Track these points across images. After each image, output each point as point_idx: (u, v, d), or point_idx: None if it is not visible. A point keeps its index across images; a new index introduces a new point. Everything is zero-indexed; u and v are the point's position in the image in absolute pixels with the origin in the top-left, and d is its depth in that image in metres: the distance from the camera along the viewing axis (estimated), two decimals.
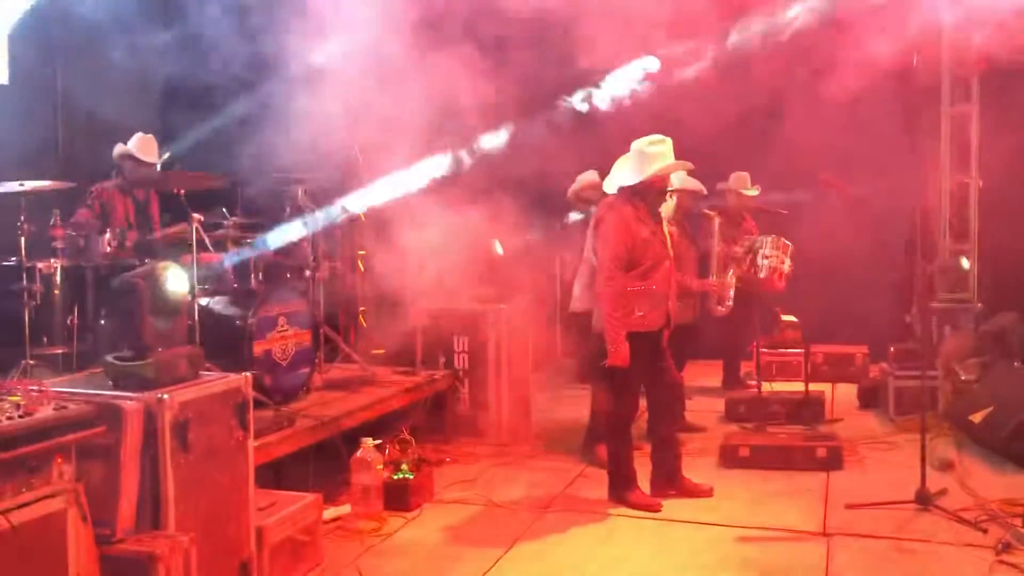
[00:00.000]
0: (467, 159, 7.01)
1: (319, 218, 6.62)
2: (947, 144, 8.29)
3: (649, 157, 5.07)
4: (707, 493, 5.35)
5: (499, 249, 7.44)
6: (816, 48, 8.67)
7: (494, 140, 6.99)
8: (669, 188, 5.46)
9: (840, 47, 8.67)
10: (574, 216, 7.08)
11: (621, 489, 5.25)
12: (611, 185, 5.97)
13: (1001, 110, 8.02)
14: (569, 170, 7.18)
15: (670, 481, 5.36)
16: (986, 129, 8.19)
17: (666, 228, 5.34)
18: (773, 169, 8.04)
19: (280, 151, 6.76)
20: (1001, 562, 4.26)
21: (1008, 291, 7.88)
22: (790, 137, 8.48)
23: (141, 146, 6.13)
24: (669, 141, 5.13)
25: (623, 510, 5.18)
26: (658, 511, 5.10)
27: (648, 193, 5.18)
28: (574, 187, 7.26)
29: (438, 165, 6.95)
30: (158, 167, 6.22)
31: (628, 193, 5.18)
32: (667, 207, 6.58)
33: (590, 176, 6.94)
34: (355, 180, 7.86)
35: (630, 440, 5.34)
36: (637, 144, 5.13)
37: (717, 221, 6.72)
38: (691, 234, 6.78)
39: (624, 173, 5.18)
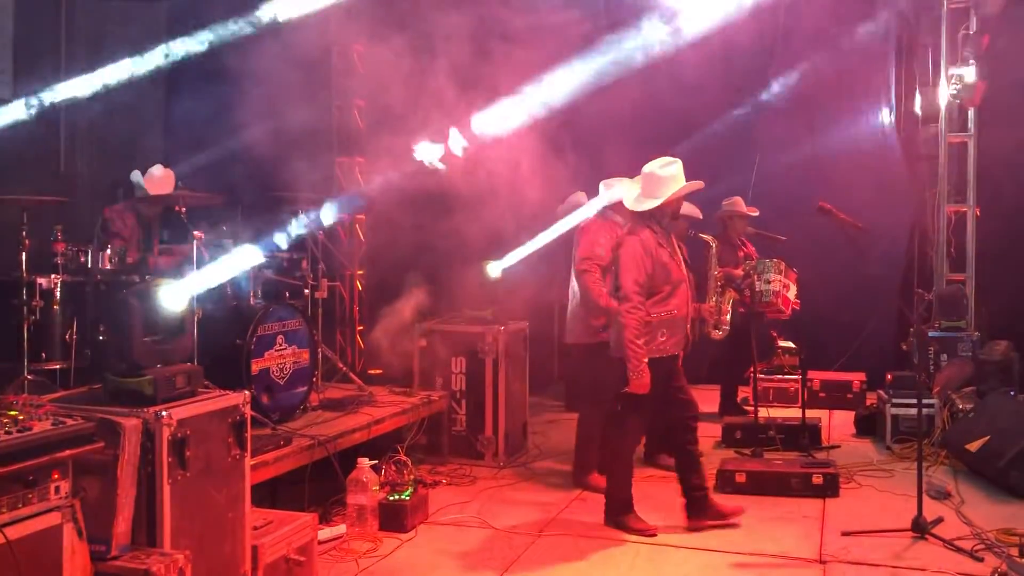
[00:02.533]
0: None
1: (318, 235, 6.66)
2: (945, 173, 8.34)
3: (663, 180, 5.06)
4: (738, 513, 5.28)
5: (496, 270, 7.46)
6: (815, 77, 8.80)
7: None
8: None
9: (840, 74, 8.79)
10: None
11: (618, 513, 5.24)
12: (595, 206, 5.99)
13: (999, 139, 8.09)
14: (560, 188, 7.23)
15: (702, 509, 5.24)
16: (983, 158, 8.25)
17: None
18: (771, 195, 8.08)
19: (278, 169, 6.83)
20: None
21: (1005, 319, 7.91)
22: (788, 165, 8.56)
23: (157, 182, 6.15)
24: (679, 163, 5.12)
25: (619, 534, 5.16)
26: (654, 536, 5.09)
27: (663, 216, 5.17)
28: (563, 208, 7.30)
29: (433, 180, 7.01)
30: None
31: (645, 216, 5.15)
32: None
33: (579, 198, 6.96)
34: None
35: (631, 465, 5.33)
36: (649, 167, 5.12)
37: (714, 245, 6.74)
38: (687, 259, 6.80)
39: (635, 197, 5.17)
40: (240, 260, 5.68)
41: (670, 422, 5.38)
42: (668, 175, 5.07)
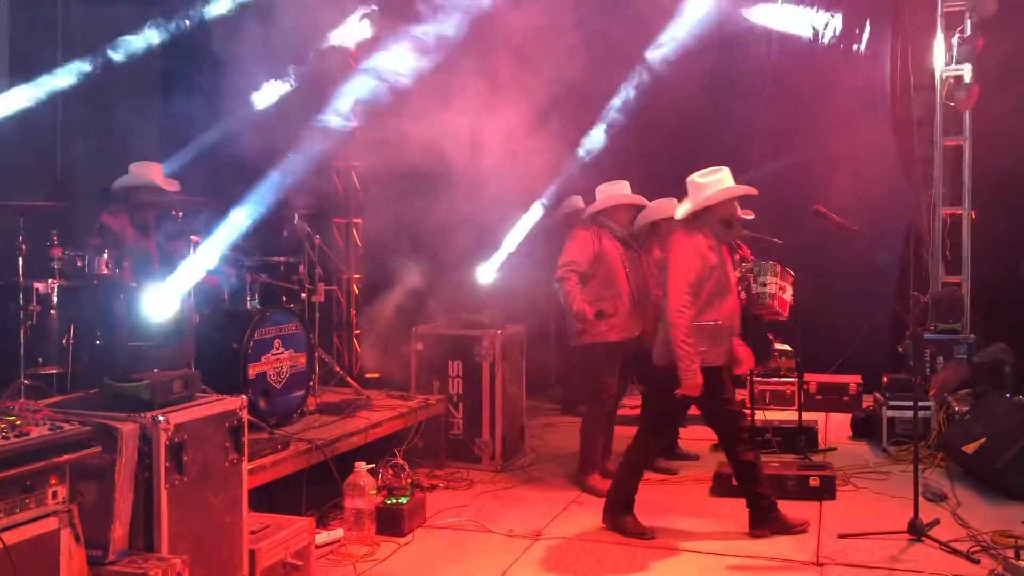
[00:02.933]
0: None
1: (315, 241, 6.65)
2: (940, 176, 8.36)
3: (701, 187, 5.04)
4: (804, 524, 5.20)
5: (491, 274, 7.47)
6: (812, 80, 8.82)
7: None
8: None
9: (836, 78, 8.81)
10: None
11: (618, 514, 5.22)
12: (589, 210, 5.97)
13: (994, 142, 8.11)
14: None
15: (766, 519, 5.15)
16: (979, 161, 8.27)
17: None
18: (767, 198, 8.09)
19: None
20: None
21: (1000, 322, 7.92)
22: (784, 168, 8.58)
23: (157, 175, 6.13)
24: (725, 170, 5.09)
25: (616, 538, 5.17)
26: (652, 539, 5.09)
27: (712, 223, 5.09)
28: (560, 211, 7.32)
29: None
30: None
31: (694, 223, 5.09)
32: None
33: (576, 201, 6.98)
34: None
35: (644, 469, 5.33)
36: (691, 177, 5.10)
37: None
38: None
39: (681, 207, 5.16)
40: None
41: (720, 434, 5.32)
42: (706, 182, 5.04)
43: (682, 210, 5.19)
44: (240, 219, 5.81)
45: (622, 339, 6.00)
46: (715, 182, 5.06)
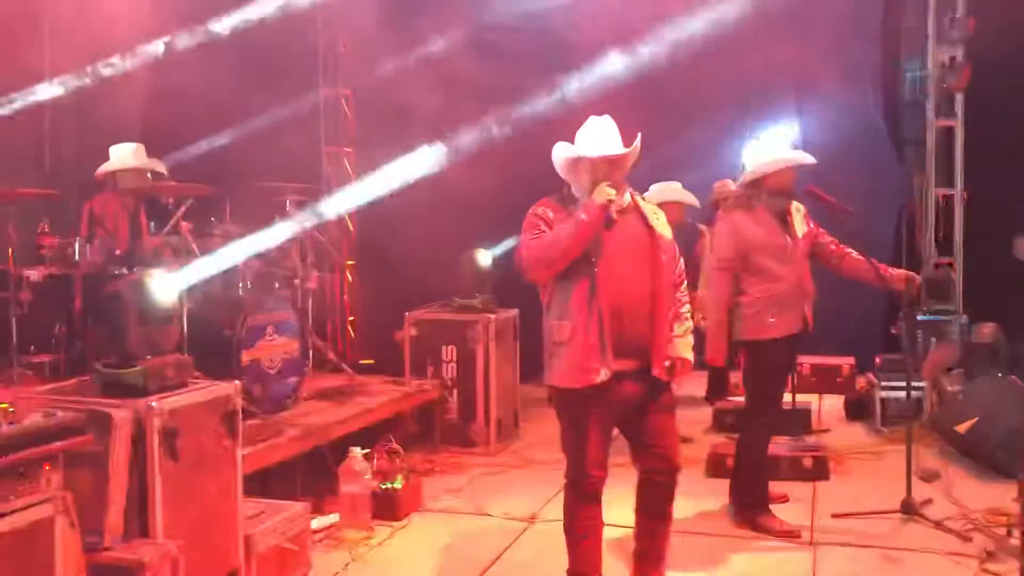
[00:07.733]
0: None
1: (307, 226, 6.64)
2: (932, 157, 8.37)
3: (748, 161, 4.94)
4: (783, 498, 5.25)
5: (487, 257, 7.46)
6: (802, 61, 8.80)
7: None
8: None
9: (827, 58, 8.79)
10: None
11: (751, 512, 5.01)
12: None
13: (986, 123, 8.12)
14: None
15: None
16: (971, 142, 8.27)
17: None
18: None
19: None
20: (985, 571, 4.30)
21: (992, 302, 7.94)
22: None
23: (140, 157, 6.09)
24: (775, 141, 4.97)
25: (610, 519, 5.17)
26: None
27: (759, 193, 4.91)
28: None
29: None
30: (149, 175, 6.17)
31: (743, 195, 5.00)
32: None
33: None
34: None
35: (764, 458, 5.06)
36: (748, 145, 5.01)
37: (709, 235, 6.73)
38: (683, 247, 6.80)
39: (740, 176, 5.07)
40: (235, 254, 5.66)
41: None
42: (747, 156, 4.95)
43: (742, 178, 5.04)
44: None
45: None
46: (755, 155, 4.91)
